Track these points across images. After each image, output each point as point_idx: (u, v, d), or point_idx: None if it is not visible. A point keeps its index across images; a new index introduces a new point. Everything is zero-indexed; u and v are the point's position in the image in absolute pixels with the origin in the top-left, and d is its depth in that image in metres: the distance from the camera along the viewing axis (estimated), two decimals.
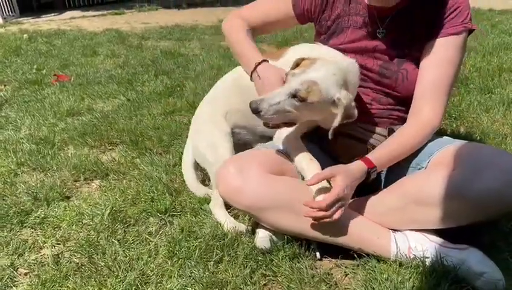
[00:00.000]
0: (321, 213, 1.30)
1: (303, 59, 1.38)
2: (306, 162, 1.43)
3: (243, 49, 1.59)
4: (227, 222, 1.59)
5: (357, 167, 1.37)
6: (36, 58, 4.54)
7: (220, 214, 1.64)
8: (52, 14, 8.75)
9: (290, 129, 1.49)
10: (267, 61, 1.50)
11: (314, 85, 1.29)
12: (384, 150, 1.43)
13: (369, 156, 1.40)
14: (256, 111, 1.29)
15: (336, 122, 1.32)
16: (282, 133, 1.51)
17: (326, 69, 1.32)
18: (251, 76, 1.51)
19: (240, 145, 1.77)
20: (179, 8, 9.67)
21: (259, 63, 1.49)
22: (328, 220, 1.31)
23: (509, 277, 1.27)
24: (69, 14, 8.82)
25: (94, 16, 8.59)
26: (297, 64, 1.38)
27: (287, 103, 1.29)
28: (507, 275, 1.26)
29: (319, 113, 1.37)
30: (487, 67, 3.42)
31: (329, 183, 1.35)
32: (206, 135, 1.73)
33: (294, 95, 1.29)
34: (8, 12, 8.12)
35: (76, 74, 3.89)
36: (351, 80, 1.39)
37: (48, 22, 7.75)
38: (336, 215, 1.30)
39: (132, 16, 8.64)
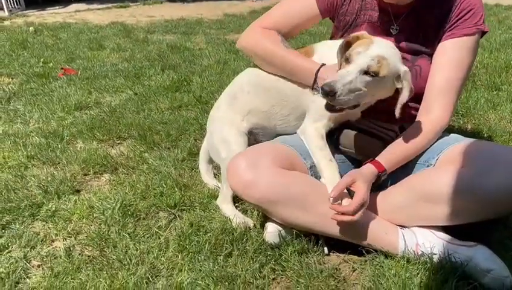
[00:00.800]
0: (347, 218, 1.33)
1: (357, 38, 1.37)
2: (325, 163, 1.45)
3: (292, 61, 1.54)
4: (236, 216, 1.61)
5: (369, 170, 1.39)
6: (43, 52, 4.55)
7: (228, 209, 1.66)
8: (57, 7, 8.75)
9: (318, 124, 1.51)
10: (324, 64, 1.49)
11: (384, 60, 1.29)
12: (394, 152, 1.44)
13: (380, 159, 1.42)
14: (331, 93, 1.24)
15: (405, 97, 1.32)
16: (307, 128, 1.53)
17: (388, 45, 1.34)
18: (313, 86, 1.49)
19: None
20: (183, 2, 9.65)
21: (318, 70, 1.48)
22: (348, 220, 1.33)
23: None
24: (73, 7, 8.81)
25: (99, 8, 8.59)
26: (347, 44, 1.37)
27: (358, 80, 1.28)
28: None
29: (385, 90, 1.37)
30: (494, 64, 3.41)
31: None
32: (222, 132, 1.72)
33: (365, 72, 1.28)
34: (14, 4, 8.12)
35: (83, 67, 3.91)
36: None
37: (53, 15, 7.75)
38: (357, 217, 1.33)
39: (137, 9, 8.63)
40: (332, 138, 1.57)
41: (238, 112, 1.71)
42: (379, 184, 1.43)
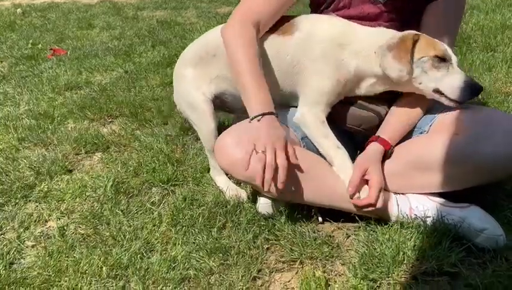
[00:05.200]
0: (370, 208, 1.32)
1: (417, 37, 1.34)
2: (333, 152, 1.40)
3: (250, 82, 1.36)
4: (229, 188, 1.60)
5: (375, 150, 1.37)
6: (31, 33, 4.47)
7: (221, 181, 1.65)
8: None
9: (317, 110, 1.44)
10: (274, 114, 1.34)
11: None
12: (395, 124, 1.42)
13: (383, 135, 1.40)
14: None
15: None
16: (306, 116, 1.44)
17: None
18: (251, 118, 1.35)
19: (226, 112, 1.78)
20: None
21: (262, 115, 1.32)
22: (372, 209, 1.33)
23: (510, 233, 1.28)
24: None
25: None
26: (414, 42, 1.33)
27: None
28: (508, 231, 1.27)
29: None
30: (490, 25, 3.35)
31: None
32: (188, 97, 1.66)
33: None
34: None
35: (72, 47, 3.84)
36: None
37: None
38: (380, 204, 1.31)
39: None
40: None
41: (205, 75, 1.61)
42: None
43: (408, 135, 1.44)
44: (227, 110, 1.76)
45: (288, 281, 1.25)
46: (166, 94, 2.58)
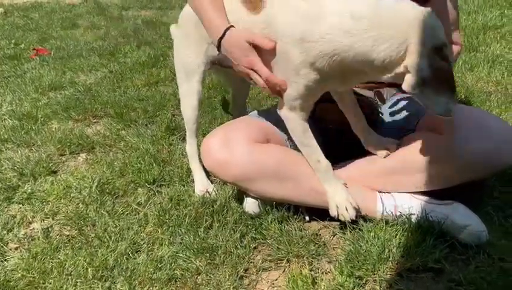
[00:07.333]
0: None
1: None
2: (313, 166, 1.35)
3: (206, 14, 1.34)
4: (201, 181, 1.64)
5: None
6: (13, 33, 4.40)
7: (195, 168, 1.68)
8: None
9: (296, 105, 1.29)
10: (232, 26, 1.29)
11: None
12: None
13: None
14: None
15: None
16: (285, 112, 1.32)
17: None
18: (219, 48, 1.32)
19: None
20: None
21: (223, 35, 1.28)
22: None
23: (492, 229, 1.31)
24: None
25: None
26: None
27: None
28: (490, 227, 1.30)
29: None
30: (472, 25, 3.40)
31: None
32: (183, 58, 1.60)
33: None
34: None
35: (56, 47, 3.79)
36: None
37: None
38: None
39: None
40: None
41: (204, 36, 1.44)
42: (357, 145, 1.43)
43: (394, 136, 1.45)
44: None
45: (275, 280, 1.26)
46: (151, 94, 2.57)
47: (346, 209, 1.32)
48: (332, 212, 1.35)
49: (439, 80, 1.03)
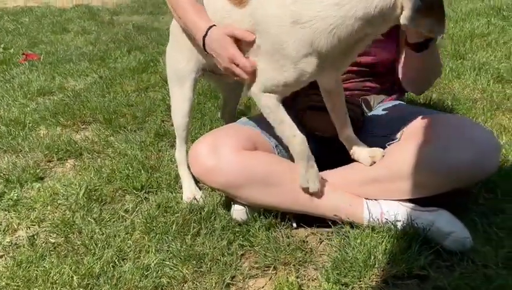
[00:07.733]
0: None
1: None
2: (289, 140, 1.35)
3: (187, 17, 1.40)
4: (189, 188, 1.63)
5: None
6: (3, 37, 4.37)
7: (184, 175, 1.67)
8: None
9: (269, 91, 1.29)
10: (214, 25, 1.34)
11: None
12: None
13: None
14: None
15: None
16: (258, 96, 1.31)
17: None
18: (204, 48, 1.37)
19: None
20: None
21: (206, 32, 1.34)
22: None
23: (477, 235, 1.32)
24: None
25: None
26: None
27: None
28: (474, 234, 1.31)
29: None
30: (459, 33, 3.44)
31: None
32: (176, 65, 1.61)
33: None
34: None
35: (46, 52, 3.77)
36: None
37: None
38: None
39: None
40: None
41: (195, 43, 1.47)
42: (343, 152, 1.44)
43: (378, 141, 1.47)
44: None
45: (262, 287, 1.26)
46: (141, 100, 2.56)
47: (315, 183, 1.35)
48: (303, 184, 1.35)
49: (431, 7, 1.05)
